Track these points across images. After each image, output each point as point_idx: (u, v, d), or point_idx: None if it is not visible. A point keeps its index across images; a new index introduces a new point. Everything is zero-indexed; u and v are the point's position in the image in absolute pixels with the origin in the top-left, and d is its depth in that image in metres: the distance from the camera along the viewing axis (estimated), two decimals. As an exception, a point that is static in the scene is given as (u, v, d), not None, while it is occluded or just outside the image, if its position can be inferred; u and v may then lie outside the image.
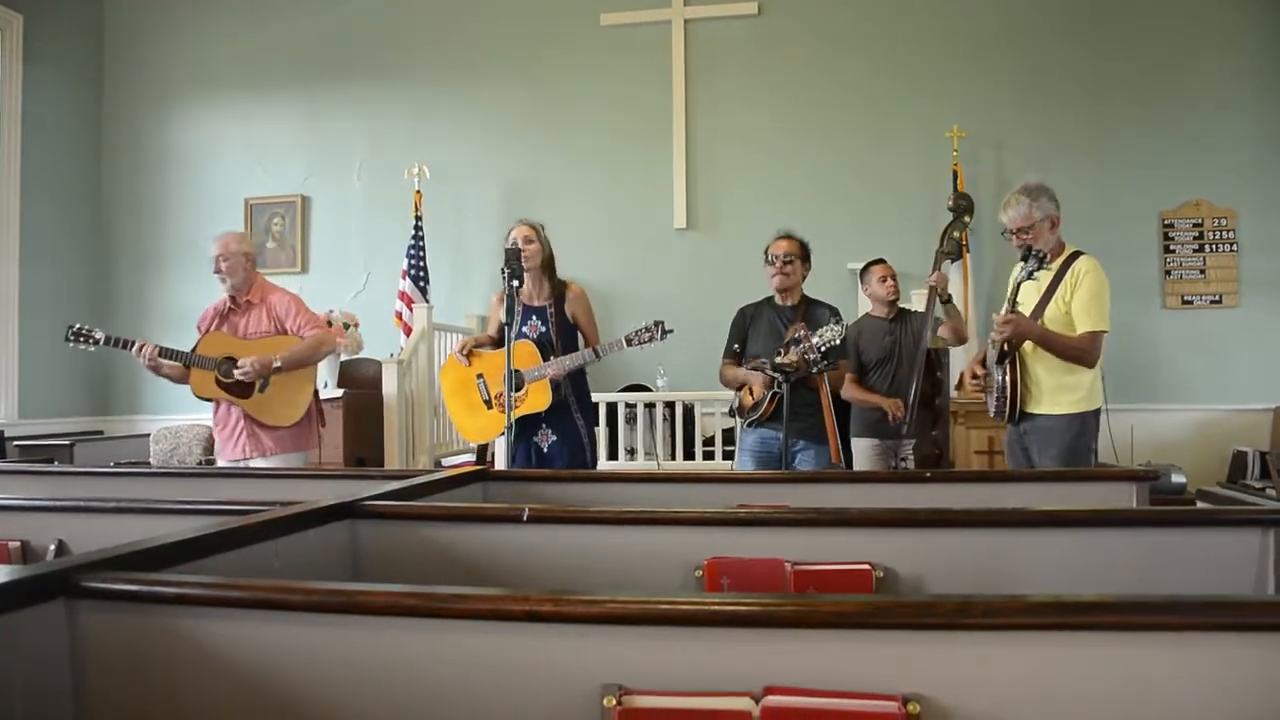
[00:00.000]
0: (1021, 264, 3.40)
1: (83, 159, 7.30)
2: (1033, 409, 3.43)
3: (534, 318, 3.89)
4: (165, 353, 3.83)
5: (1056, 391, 3.39)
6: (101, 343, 3.89)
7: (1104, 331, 3.35)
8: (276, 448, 3.91)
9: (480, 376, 3.91)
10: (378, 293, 6.92)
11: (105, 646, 1.15)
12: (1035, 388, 3.42)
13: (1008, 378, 3.41)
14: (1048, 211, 3.43)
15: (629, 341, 3.76)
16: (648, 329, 3.75)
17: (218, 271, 3.92)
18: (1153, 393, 5.94)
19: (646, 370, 6.25)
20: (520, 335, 3.83)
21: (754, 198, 6.55)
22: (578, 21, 6.84)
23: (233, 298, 3.99)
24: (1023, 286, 3.47)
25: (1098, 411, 3.44)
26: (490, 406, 3.90)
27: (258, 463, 3.88)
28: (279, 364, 3.83)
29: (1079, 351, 3.34)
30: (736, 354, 4.01)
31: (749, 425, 3.91)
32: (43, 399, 6.75)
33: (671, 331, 3.79)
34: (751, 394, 3.84)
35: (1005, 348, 3.40)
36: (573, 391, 3.85)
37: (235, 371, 3.81)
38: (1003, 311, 3.38)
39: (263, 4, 7.30)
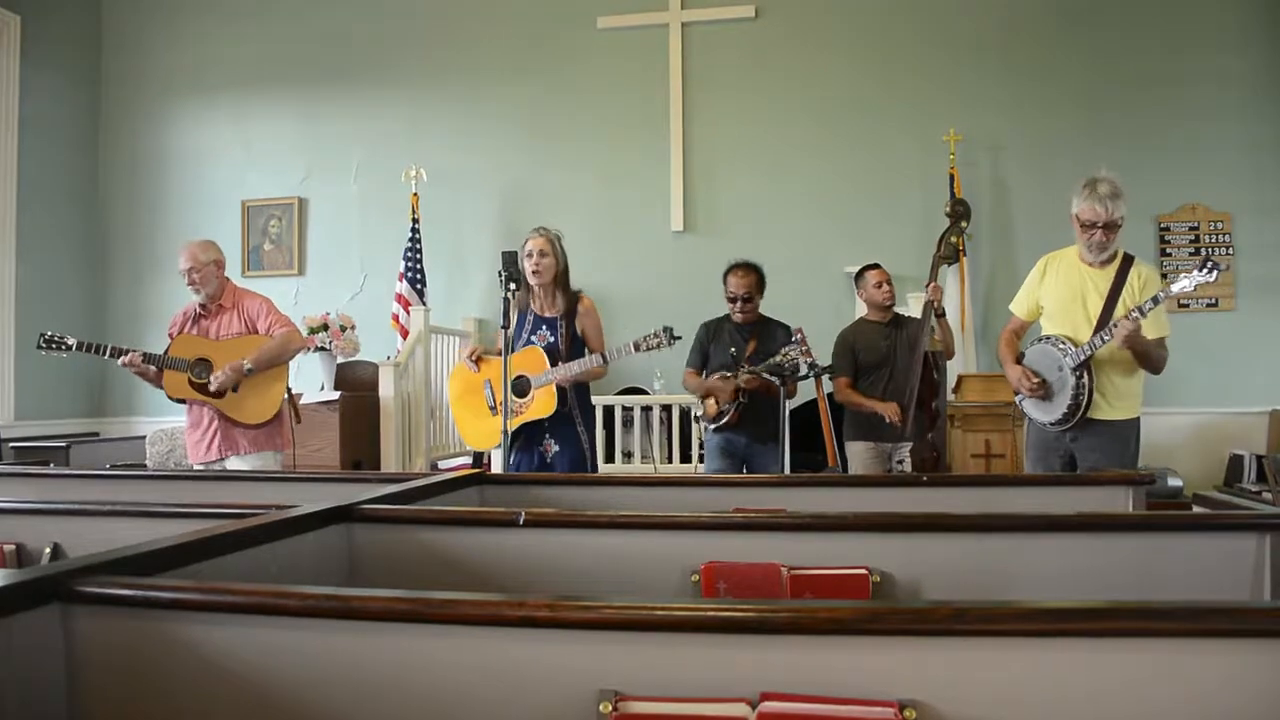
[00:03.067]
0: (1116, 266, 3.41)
1: (80, 160, 7.29)
2: (1097, 415, 3.39)
3: (544, 328, 3.89)
4: (146, 358, 3.88)
5: (1125, 397, 3.42)
6: (74, 349, 3.89)
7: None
8: (251, 446, 3.96)
9: (488, 382, 3.91)
10: (375, 295, 6.91)
11: (100, 651, 1.14)
12: (1105, 394, 3.39)
13: (1087, 383, 3.35)
14: None
15: (637, 347, 3.76)
16: (656, 335, 3.75)
17: (191, 283, 3.97)
18: (1149, 396, 5.81)
19: (644, 373, 6.26)
20: (528, 344, 3.86)
21: (751, 200, 6.55)
22: (575, 24, 6.84)
23: (203, 305, 4.03)
24: (1066, 282, 3.48)
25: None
26: (496, 412, 3.88)
27: (233, 462, 3.93)
28: (250, 366, 3.89)
29: (1163, 362, 3.41)
30: (700, 366, 4.38)
31: (716, 430, 4.26)
32: (39, 401, 6.74)
33: (680, 338, 3.85)
34: (717, 403, 4.21)
35: (1092, 352, 3.34)
36: (576, 401, 3.86)
37: (211, 384, 3.87)
38: (1125, 313, 3.26)
39: (261, 7, 7.29)
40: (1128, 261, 3.43)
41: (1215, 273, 3.07)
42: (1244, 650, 0.95)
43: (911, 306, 5.31)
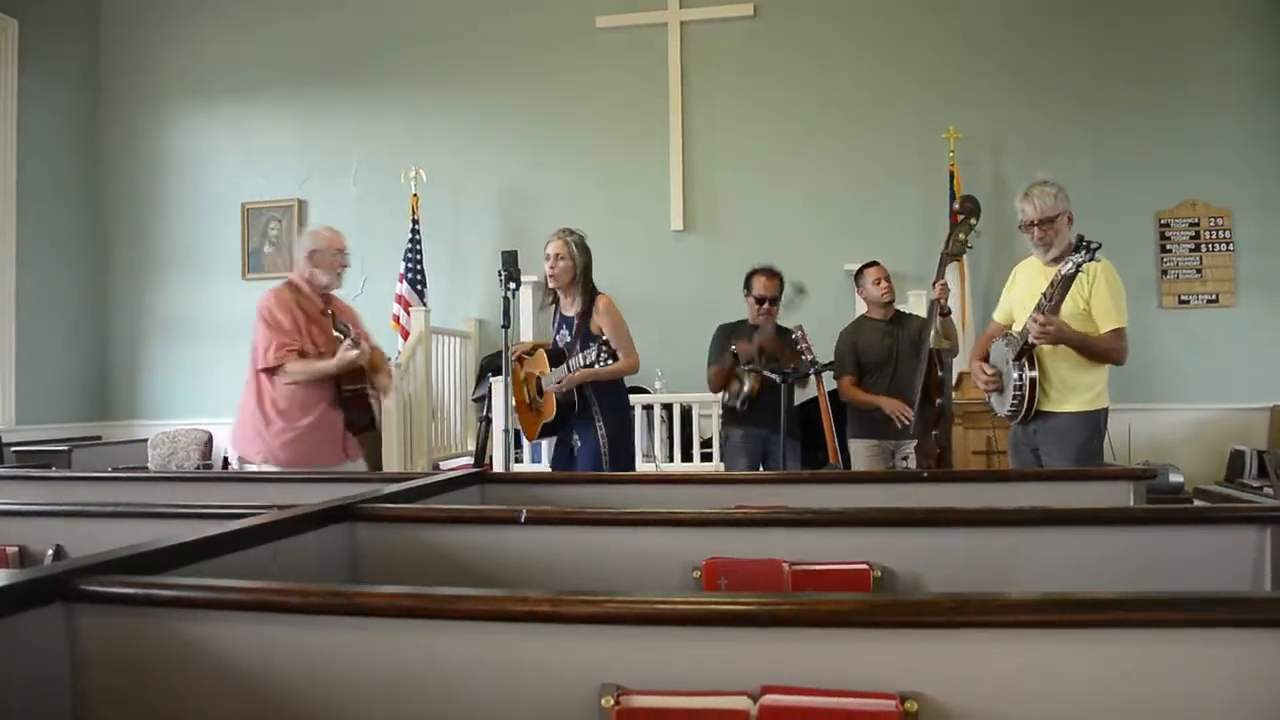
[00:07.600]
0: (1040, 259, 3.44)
1: (79, 164, 7.29)
2: (1048, 407, 3.38)
3: (565, 328, 4.00)
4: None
5: (1074, 390, 3.37)
6: (346, 334, 3.74)
7: (1125, 328, 3.36)
8: (359, 451, 3.96)
9: (525, 379, 4.12)
10: (375, 296, 6.89)
11: (104, 650, 1.15)
12: (1053, 387, 3.37)
13: (1027, 375, 3.35)
14: (1067, 206, 3.42)
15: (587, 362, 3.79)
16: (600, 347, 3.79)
17: (342, 268, 4.01)
18: (1150, 392, 5.94)
19: (645, 373, 6.24)
20: (553, 344, 4.05)
21: (751, 199, 6.55)
22: (574, 24, 6.84)
23: (310, 289, 3.96)
24: (1026, 284, 3.49)
25: (1106, 410, 3.43)
26: (531, 407, 4.10)
27: (348, 465, 3.88)
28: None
29: (1114, 351, 3.35)
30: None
31: (741, 406, 4.26)
32: (40, 404, 6.74)
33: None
34: (743, 384, 4.25)
35: (1025, 344, 3.33)
36: (597, 400, 3.91)
37: (386, 379, 3.96)
38: (1039, 313, 3.24)
39: (259, 9, 7.29)
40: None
41: (1093, 254, 3.07)
42: (1245, 640, 0.96)
43: (912, 304, 5.31)
